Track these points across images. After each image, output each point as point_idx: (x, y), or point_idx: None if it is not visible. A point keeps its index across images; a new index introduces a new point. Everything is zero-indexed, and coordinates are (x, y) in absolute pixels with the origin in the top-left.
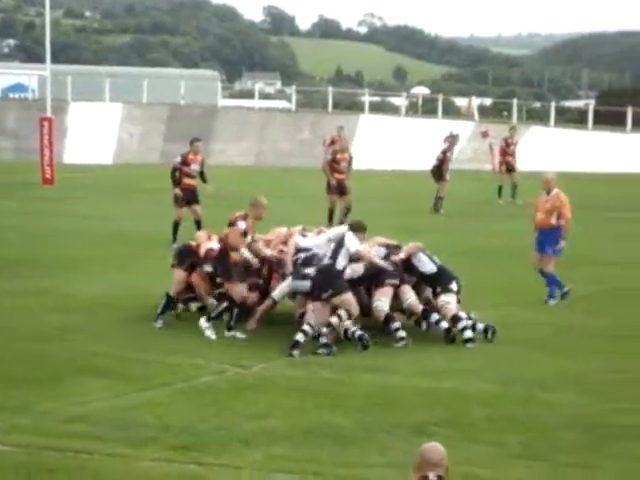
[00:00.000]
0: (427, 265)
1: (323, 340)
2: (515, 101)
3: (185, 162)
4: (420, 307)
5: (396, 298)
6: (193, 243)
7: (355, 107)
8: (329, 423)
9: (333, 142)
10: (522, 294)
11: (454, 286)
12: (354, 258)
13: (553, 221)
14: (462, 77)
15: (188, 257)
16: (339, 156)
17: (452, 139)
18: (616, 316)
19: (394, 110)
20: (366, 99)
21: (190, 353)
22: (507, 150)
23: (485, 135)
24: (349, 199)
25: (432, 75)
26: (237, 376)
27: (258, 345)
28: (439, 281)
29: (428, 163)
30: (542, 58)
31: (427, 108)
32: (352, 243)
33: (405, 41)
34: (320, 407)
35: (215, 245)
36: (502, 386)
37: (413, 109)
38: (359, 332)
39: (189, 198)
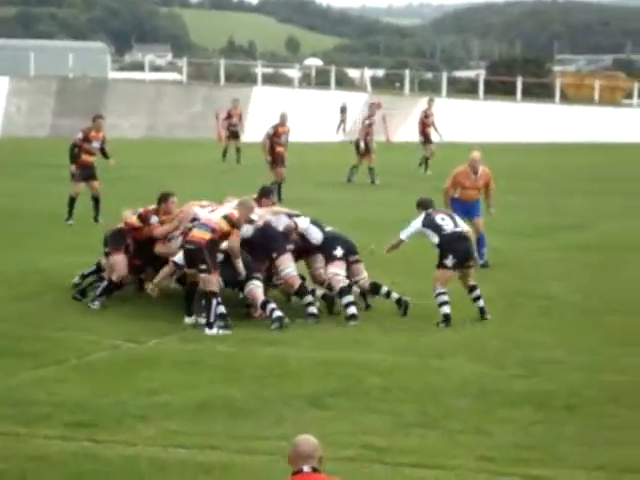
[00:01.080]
0: (316, 235)
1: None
2: (407, 72)
3: (86, 139)
4: (297, 281)
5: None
6: (122, 225)
7: (248, 79)
8: (224, 396)
9: (229, 116)
10: (416, 265)
11: (338, 252)
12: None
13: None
14: (354, 48)
15: (123, 240)
16: (280, 129)
17: (373, 106)
18: (505, 283)
19: (287, 82)
20: (259, 71)
21: (83, 329)
22: (426, 121)
23: (378, 107)
24: (283, 172)
25: (324, 46)
26: (131, 351)
27: (152, 320)
28: (324, 250)
29: (323, 134)
30: (433, 28)
31: (320, 80)
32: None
33: (297, 12)
34: (215, 381)
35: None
36: (396, 355)
37: (306, 81)
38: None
39: (87, 174)
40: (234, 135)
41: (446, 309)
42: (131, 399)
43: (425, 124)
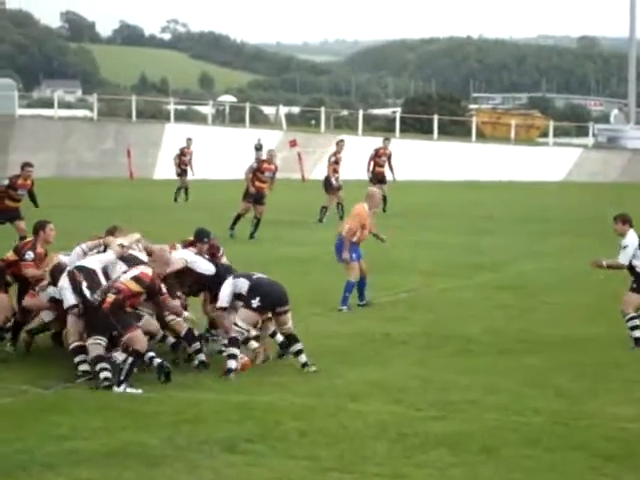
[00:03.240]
0: (205, 266)
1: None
2: (323, 109)
3: (13, 187)
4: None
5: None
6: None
7: (160, 116)
8: (136, 442)
9: (183, 154)
10: (327, 303)
11: (255, 302)
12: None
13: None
14: (269, 85)
15: (2, 277)
16: (265, 166)
17: (340, 144)
18: (422, 323)
19: (201, 119)
20: (171, 107)
21: None
22: (378, 160)
23: (293, 144)
24: (262, 210)
25: (239, 83)
26: (38, 397)
27: (59, 364)
28: (243, 297)
29: (236, 172)
30: (349, 65)
31: (234, 117)
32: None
33: (210, 48)
34: (126, 427)
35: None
36: (313, 398)
37: (220, 118)
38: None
39: (9, 217)
40: (185, 173)
41: (637, 333)
42: (39, 446)
43: (377, 163)
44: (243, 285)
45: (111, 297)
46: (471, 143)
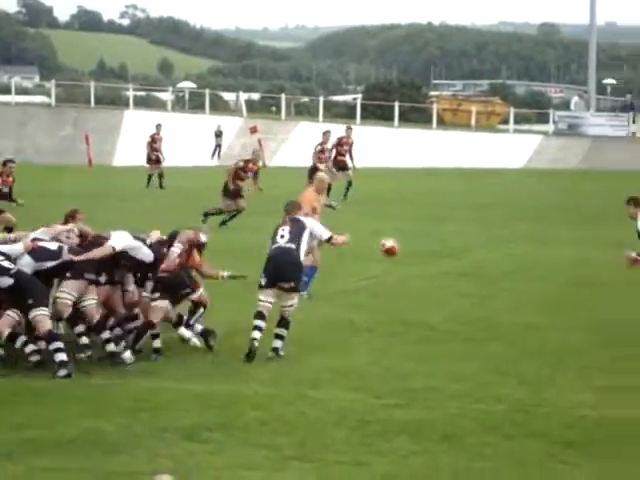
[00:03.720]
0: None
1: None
2: (283, 96)
3: None
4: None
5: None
6: None
7: (119, 102)
8: (95, 430)
9: (153, 140)
10: None
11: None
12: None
13: None
14: (229, 71)
15: None
16: (250, 166)
17: (326, 134)
18: (383, 311)
19: (161, 105)
20: (130, 94)
21: None
22: (340, 149)
23: (254, 131)
24: (243, 203)
25: (199, 69)
26: None
27: (15, 354)
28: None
29: (197, 159)
30: (309, 51)
31: (194, 103)
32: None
33: (170, 34)
34: (86, 415)
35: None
36: (273, 387)
37: (180, 104)
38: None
39: None
40: (157, 160)
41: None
42: None
43: (339, 152)
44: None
45: None
46: (432, 130)
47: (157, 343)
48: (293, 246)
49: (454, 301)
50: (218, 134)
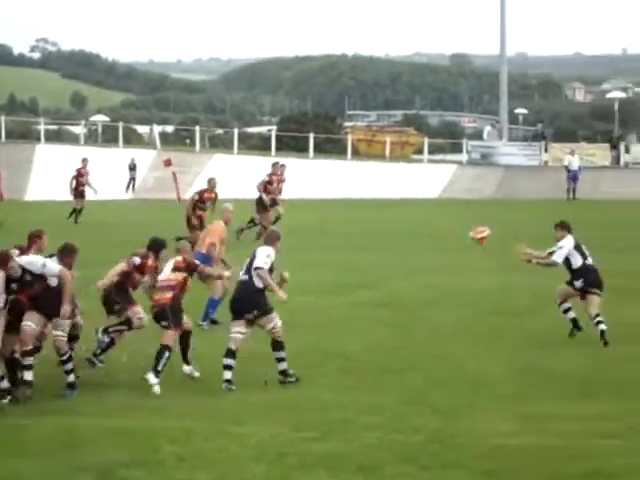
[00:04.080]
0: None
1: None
2: (198, 128)
3: None
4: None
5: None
6: None
7: (31, 136)
8: (10, 470)
9: (80, 174)
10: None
11: None
12: None
13: None
14: (143, 104)
15: None
16: (206, 195)
17: (276, 166)
18: (302, 342)
19: (73, 139)
20: (42, 128)
21: None
22: (269, 188)
23: (168, 164)
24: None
25: (112, 102)
26: None
27: None
28: None
29: (111, 192)
30: (223, 83)
31: (108, 136)
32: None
33: (82, 67)
34: (1, 455)
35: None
36: (191, 421)
37: (93, 137)
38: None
39: None
40: (81, 194)
41: (570, 314)
42: None
43: (269, 191)
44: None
45: None
46: (347, 161)
47: (71, 378)
48: (246, 277)
49: (372, 331)
50: (132, 167)
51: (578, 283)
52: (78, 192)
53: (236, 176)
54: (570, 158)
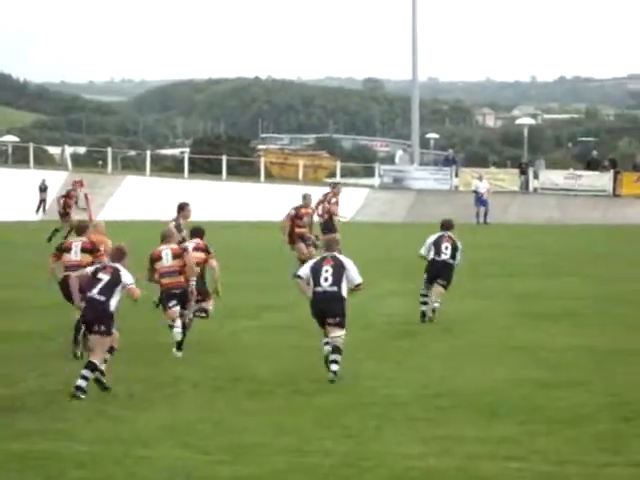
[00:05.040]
0: None
1: None
2: (110, 150)
3: None
4: None
5: None
6: None
7: None
8: None
9: (69, 196)
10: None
11: None
12: None
13: None
14: (54, 125)
15: None
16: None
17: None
18: (211, 366)
19: None
20: None
21: None
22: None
23: (79, 185)
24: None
25: (22, 122)
26: None
27: None
28: None
29: (21, 213)
30: (136, 105)
31: (18, 157)
32: None
33: None
34: None
35: None
36: (99, 445)
37: (3, 158)
38: None
39: None
40: (66, 215)
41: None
42: None
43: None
44: None
45: None
46: (260, 183)
47: None
48: (335, 288)
49: (282, 354)
50: (43, 188)
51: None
52: (65, 213)
53: (148, 198)
54: (478, 183)
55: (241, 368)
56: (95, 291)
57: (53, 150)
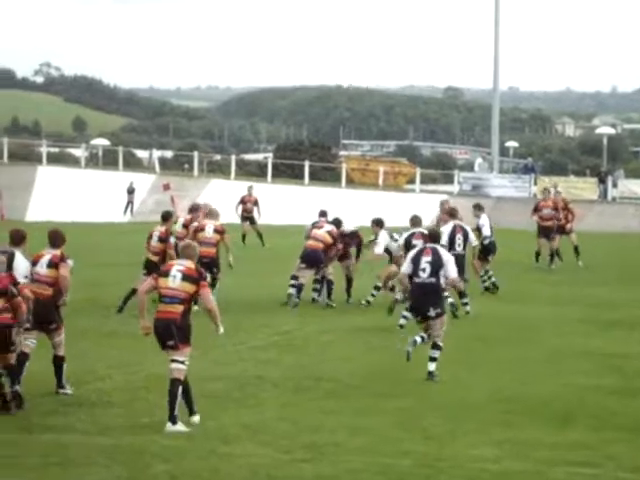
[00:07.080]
0: None
1: None
2: (196, 154)
3: None
4: None
5: None
6: None
7: (32, 158)
8: None
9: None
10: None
11: None
12: None
13: None
14: (143, 129)
15: None
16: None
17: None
18: (291, 365)
19: (74, 161)
20: (44, 150)
21: None
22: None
23: (167, 188)
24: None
25: (112, 126)
26: None
27: None
28: None
29: (110, 214)
30: (222, 111)
31: (108, 160)
32: None
33: (84, 91)
34: None
35: None
36: (184, 441)
37: (94, 161)
38: None
39: None
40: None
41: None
42: None
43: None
44: None
45: None
46: (341, 188)
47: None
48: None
49: (362, 355)
50: (130, 191)
51: None
52: None
53: (233, 201)
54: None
55: (320, 368)
56: None
57: (141, 154)
